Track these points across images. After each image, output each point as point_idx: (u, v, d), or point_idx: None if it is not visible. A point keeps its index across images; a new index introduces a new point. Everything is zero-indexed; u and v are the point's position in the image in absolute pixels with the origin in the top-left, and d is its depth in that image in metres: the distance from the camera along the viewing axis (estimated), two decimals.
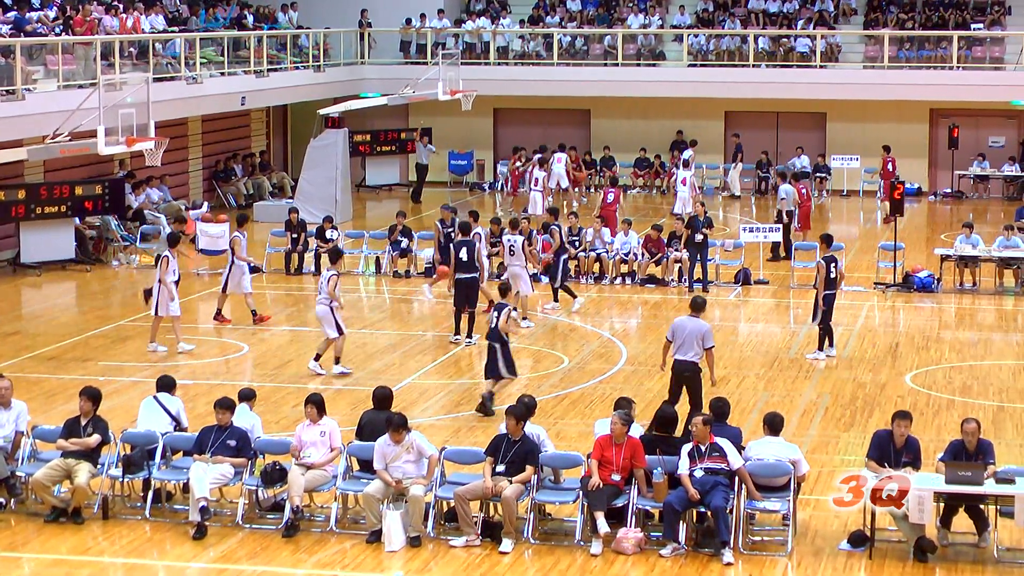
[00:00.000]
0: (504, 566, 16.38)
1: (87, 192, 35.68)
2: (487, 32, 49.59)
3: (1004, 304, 31.13)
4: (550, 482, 17.53)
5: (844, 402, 23.23)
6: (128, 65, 35.77)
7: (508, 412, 17.40)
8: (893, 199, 32.76)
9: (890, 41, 47.37)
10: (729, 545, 16.42)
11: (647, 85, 47.71)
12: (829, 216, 44.12)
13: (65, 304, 31.98)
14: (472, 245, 27.34)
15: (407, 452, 17.18)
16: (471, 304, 27.08)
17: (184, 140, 43.61)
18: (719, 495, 16.47)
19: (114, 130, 25.67)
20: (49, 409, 21.93)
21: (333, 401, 21.32)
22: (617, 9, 51.15)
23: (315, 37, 47.28)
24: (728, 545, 16.42)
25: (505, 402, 22.24)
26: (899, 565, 16.34)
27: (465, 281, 27.07)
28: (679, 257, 32.67)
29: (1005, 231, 32.67)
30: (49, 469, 17.70)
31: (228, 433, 17.79)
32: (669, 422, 17.70)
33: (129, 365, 25.40)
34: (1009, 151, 47.43)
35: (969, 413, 20.65)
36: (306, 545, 16.99)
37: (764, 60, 47.94)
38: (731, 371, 25.24)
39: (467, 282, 27.05)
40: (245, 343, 27.16)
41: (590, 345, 27.18)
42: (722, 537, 16.45)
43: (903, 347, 27.08)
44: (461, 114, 43.57)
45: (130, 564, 16.58)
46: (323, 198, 40.42)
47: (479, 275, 27.43)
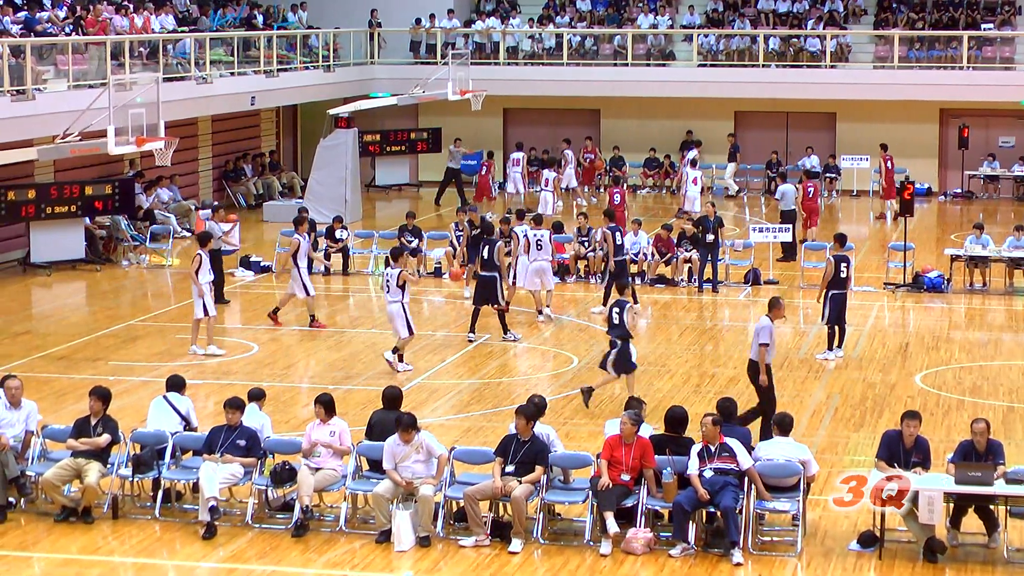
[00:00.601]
0: (513, 566, 16.38)
1: (97, 192, 35.70)
2: (497, 32, 49.60)
3: (1014, 304, 31.08)
4: (560, 482, 17.52)
5: (854, 402, 23.21)
6: (138, 65, 35.83)
7: (518, 412, 17.39)
8: (903, 199, 32.72)
9: (900, 41, 47.32)
10: (739, 545, 16.42)
11: (657, 85, 47.70)
12: (839, 216, 44.08)
13: (75, 304, 32.01)
14: (494, 244, 27.37)
15: (416, 452, 17.19)
16: (491, 302, 27.08)
17: (194, 140, 43.65)
18: (729, 495, 16.46)
19: (124, 130, 25.73)
20: (59, 409, 21.95)
21: (343, 401, 21.32)
22: (627, 9, 51.14)
23: (325, 37, 47.31)
24: (738, 545, 16.41)
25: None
26: (909, 566, 16.32)
27: (485, 279, 27.13)
28: (689, 257, 32.69)
29: (1015, 231, 32.59)
30: (59, 469, 17.72)
31: (238, 433, 17.80)
32: (679, 422, 17.68)
33: (139, 365, 25.42)
34: (1019, 151, 47.32)
35: (979, 413, 20.60)
36: (315, 545, 17.00)
37: (774, 60, 47.91)
38: (741, 371, 25.18)
39: (487, 280, 27.09)
40: (255, 343, 27.17)
41: (600, 345, 27.16)
42: (731, 537, 16.44)
43: (913, 347, 27.05)
44: (471, 114, 43.60)
45: (140, 564, 16.60)
46: (333, 198, 40.43)
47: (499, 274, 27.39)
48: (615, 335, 22.50)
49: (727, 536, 16.50)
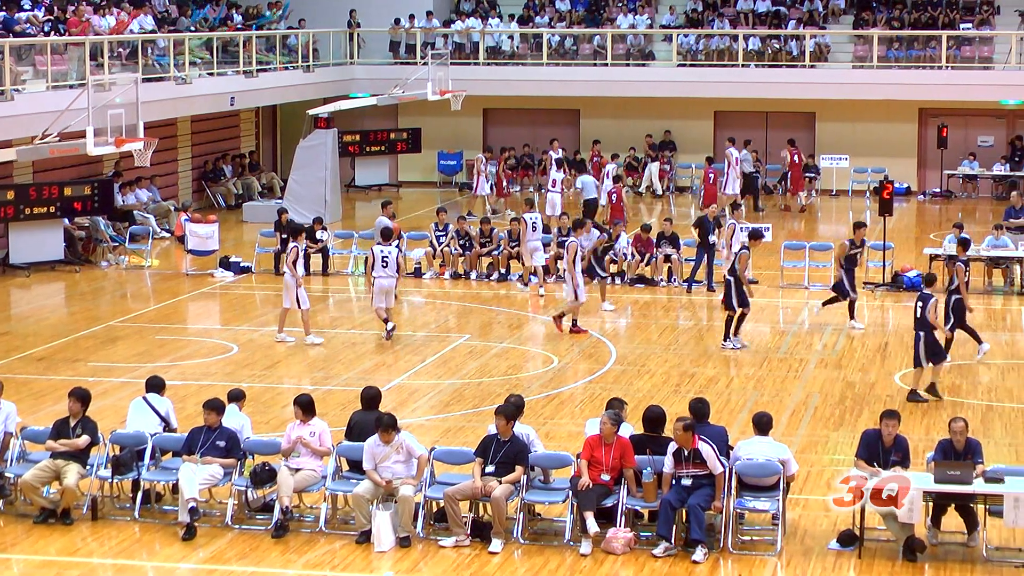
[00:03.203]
0: (494, 566, 16.39)
1: (76, 193, 35.61)
2: (476, 32, 49.59)
3: (993, 303, 31.15)
4: (540, 482, 17.53)
5: (833, 401, 23.25)
6: (117, 66, 35.76)
7: (498, 412, 17.40)
8: (882, 199, 32.77)
9: (879, 41, 47.42)
10: (703, 544, 16.40)
11: (636, 85, 47.72)
12: (819, 216, 44.16)
13: (54, 305, 31.94)
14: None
15: (396, 452, 17.18)
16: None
17: (173, 140, 43.57)
18: (699, 495, 16.49)
19: (103, 131, 25.69)
20: (38, 410, 21.90)
21: (322, 402, 21.30)
22: (606, 9, 51.17)
23: (304, 37, 47.26)
24: (702, 544, 16.40)
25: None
26: (888, 564, 16.35)
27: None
28: (668, 256, 32.74)
29: (994, 230, 32.71)
30: (38, 470, 17.68)
31: (217, 434, 17.78)
32: (657, 422, 17.68)
33: (118, 366, 25.37)
34: (998, 151, 47.47)
35: (958, 412, 20.69)
36: (295, 546, 16.99)
37: (753, 60, 47.99)
38: (720, 371, 25.27)
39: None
40: (235, 343, 27.14)
41: (580, 345, 27.18)
42: (693, 535, 16.45)
43: (892, 346, 27.09)
44: (450, 114, 43.57)
45: (119, 565, 16.57)
46: (312, 198, 40.38)
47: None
48: (918, 329, 22.99)
49: (689, 534, 16.52)
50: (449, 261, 33.60)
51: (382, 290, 27.14)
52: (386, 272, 27.14)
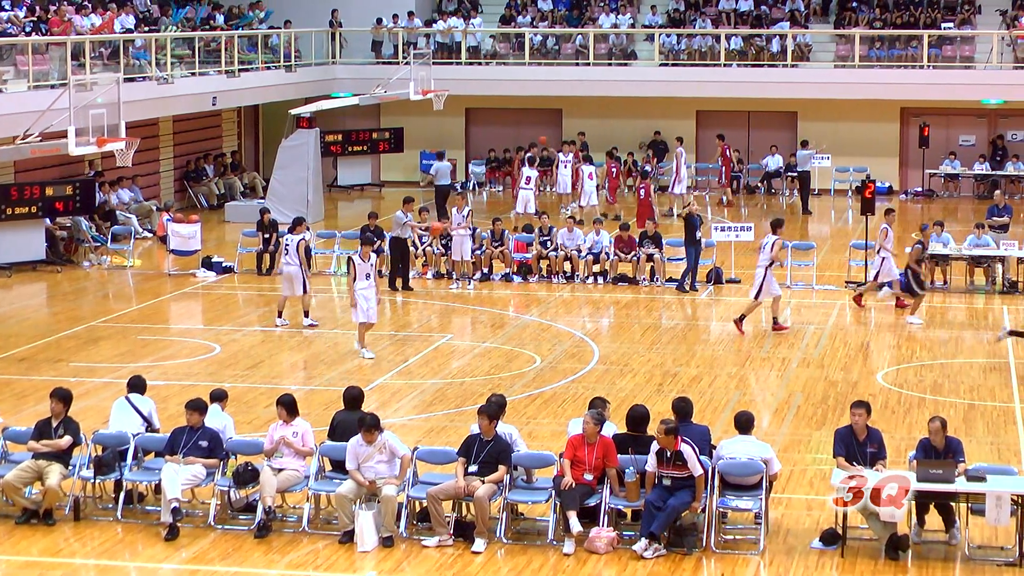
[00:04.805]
0: (477, 566, 16.38)
1: (58, 193, 35.53)
2: (458, 32, 49.58)
3: (975, 302, 31.23)
4: (523, 482, 17.53)
5: (816, 401, 23.29)
6: (99, 65, 35.69)
7: (480, 411, 17.39)
8: (864, 198, 32.82)
9: (861, 40, 47.49)
10: (655, 539, 16.40)
11: (619, 85, 47.74)
12: (799, 215, 44.17)
13: (36, 305, 31.87)
14: None
15: (379, 452, 17.17)
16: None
17: (155, 140, 43.51)
18: (679, 497, 16.51)
19: (85, 130, 25.62)
20: (20, 410, 21.86)
21: (305, 402, 21.29)
22: (588, 9, 51.18)
23: (286, 37, 47.21)
24: (655, 538, 16.41)
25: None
26: (871, 563, 16.38)
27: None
28: (650, 255, 32.74)
29: (976, 229, 32.77)
30: (20, 471, 17.64)
31: (200, 434, 17.75)
32: (640, 421, 17.69)
33: (100, 366, 25.33)
34: (980, 149, 47.59)
35: (940, 411, 20.73)
36: (278, 546, 16.97)
37: (735, 59, 48.03)
38: (703, 370, 25.29)
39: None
40: (216, 343, 27.11)
41: (562, 344, 27.20)
42: (647, 528, 16.47)
43: (874, 345, 27.14)
44: (433, 114, 43.58)
45: (102, 565, 16.53)
46: (295, 198, 40.36)
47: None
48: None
49: (642, 527, 16.55)
50: (432, 261, 33.63)
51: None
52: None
